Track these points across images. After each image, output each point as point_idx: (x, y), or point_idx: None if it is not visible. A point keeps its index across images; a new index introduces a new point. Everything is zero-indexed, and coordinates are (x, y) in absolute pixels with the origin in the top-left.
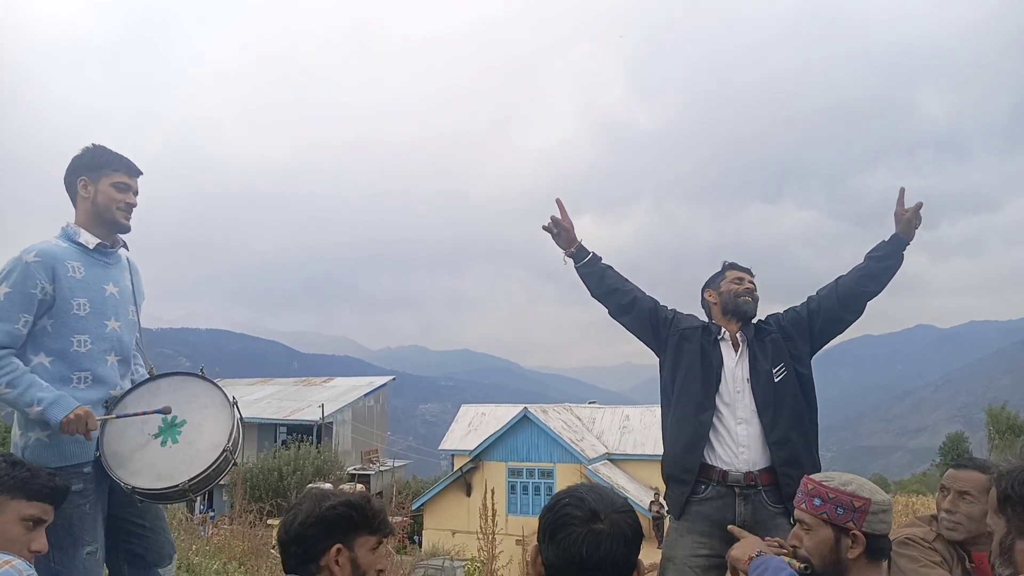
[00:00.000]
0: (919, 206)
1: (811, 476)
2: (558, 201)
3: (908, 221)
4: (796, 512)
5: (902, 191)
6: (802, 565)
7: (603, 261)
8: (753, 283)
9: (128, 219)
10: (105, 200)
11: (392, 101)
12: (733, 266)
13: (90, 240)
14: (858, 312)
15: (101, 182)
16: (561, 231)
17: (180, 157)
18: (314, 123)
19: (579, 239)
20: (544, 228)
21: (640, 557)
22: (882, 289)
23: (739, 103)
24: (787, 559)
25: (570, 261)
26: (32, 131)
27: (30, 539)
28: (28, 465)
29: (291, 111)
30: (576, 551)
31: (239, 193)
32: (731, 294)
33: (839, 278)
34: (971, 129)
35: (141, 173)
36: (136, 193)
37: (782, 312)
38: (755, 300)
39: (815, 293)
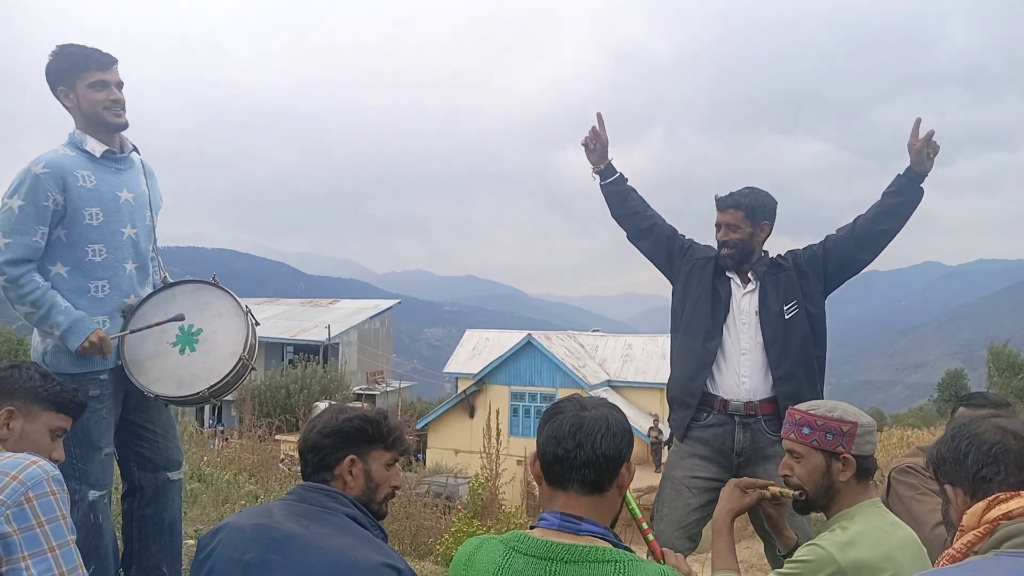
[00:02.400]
0: (930, 135)
1: (796, 407)
2: (599, 115)
3: (919, 151)
4: (785, 443)
5: (917, 122)
6: (796, 492)
7: (629, 183)
8: (735, 223)
9: (119, 116)
10: (88, 104)
11: (403, 19)
12: (716, 204)
13: (96, 148)
14: (875, 251)
15: (78, 87)
16: (597, 145)
17: (183, 74)
18: (321, 40)
19: (610, 157)
20: (582, 143)
21: (632, 469)
22: (900, 226)
23: (759, 29)
24: (778, 489)
25: (597, 178)
26: (29, 45)
27: (53, 448)
28: (57, 379)
29: (297, 26)
30: (560, 431)
31: (244, 112)
32: (717, 245)
33: (857, 218)
34: (997, 65)
35: (115, 61)
36: (120, 86)
37: (801, 249)
38: (737, 246)
39: (835, 232)
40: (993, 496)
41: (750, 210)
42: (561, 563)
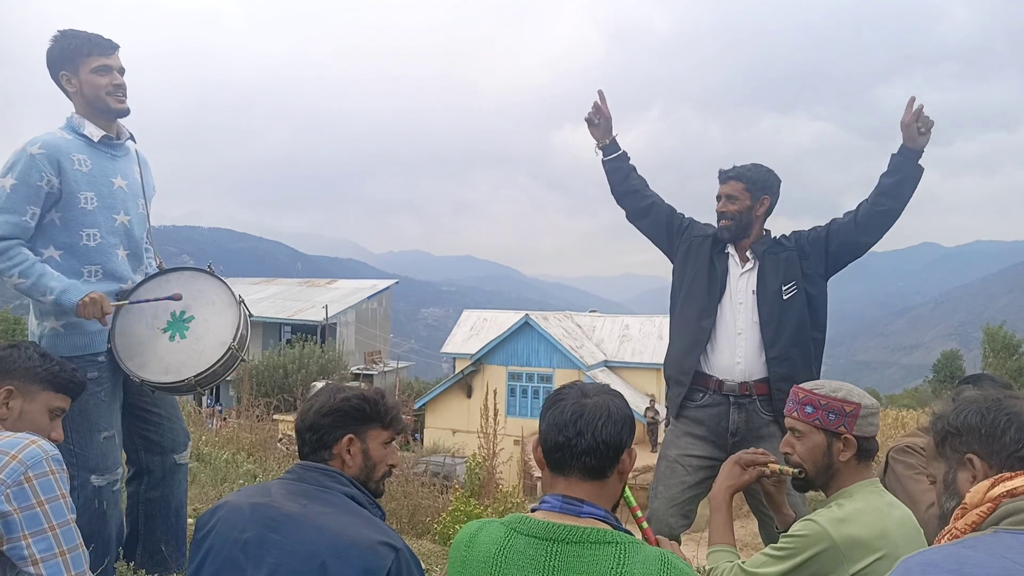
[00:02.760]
0: (920, 109)
1: (801, 385)
2: (600, 92)
3: (908, 127)
4: (787, 420)
5: (911, 100)
6: (796, 471)
7: (631, 162)
8: (734, 194)
9: (122, 102)
10: (91, 89)
11: None
12: (719, 177)
13: (94, 132)
14: (877, 235)
15: (81, 71)
16: (601, 120)
17: (179, 50)
18: (319, 15)
19: (614, 133)
20: (586, 118)
21: (634, 455)
22: (901, 207)
23: (758, 6)
24: (778, 467)
25: (600, 153)
26: (22, 19)
27: (51, 428)
28: (56, 358)
29: (291, 3)
30: (562, 418)
31: (241, 89)
32: (716, 217)
33: (861, 202)
34: (998, 41)
35: (118, 47)
36: (122, 71)
37: (807, 230)
38: (735, 218)
39: (841, 216)
40: (997, 475)
41: (751, 183)
42: (562, 544)
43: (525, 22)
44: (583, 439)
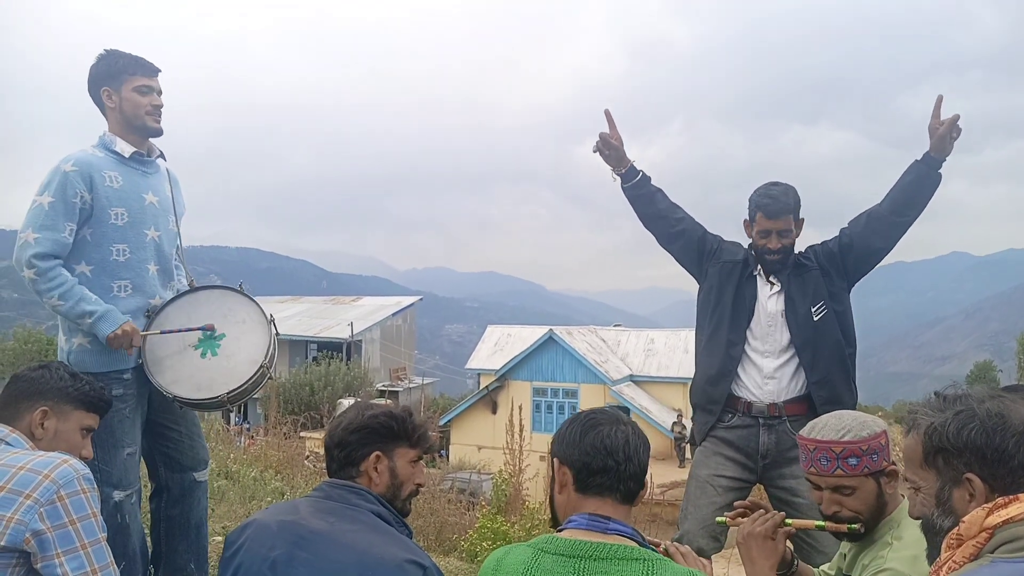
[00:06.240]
0: (955, 119)
1: (822, 439)
2: (607, 112)
3: (942, 136)
4: (827, 480)
5: (939, 100)
6: (856, 526)
7: (653, 183)
8: (788, 229)
9: (158, 121)
10: (131, 107)
11: (421, 12)
12: (762, 210)
13: (126, 149)
14: (891, 241)
15: (123, 89)
16: (611, 150)
17: (206, 74)
18: (341, 37)
19: (631, 160)
20: (594, 150)
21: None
22: (917, 214)
23: (780, 16)
24: (814, 524)
25: (619, 180)
26: (53, 48)
27: (83, 446)
28: (86, 378)
29: (317, 24)
30: (610, 443)
31: (266, 112)
32: (760, 249)
33: (871, 209)
34: None
35: (159, 71)
36: (160, 93)
37: (819, 245)
38: (786, 251)
39: (847, 225)
40: (993, 502)
41: (795, 211)
42: (590, 560)
43: (546, 39)
44: (631, 464)
